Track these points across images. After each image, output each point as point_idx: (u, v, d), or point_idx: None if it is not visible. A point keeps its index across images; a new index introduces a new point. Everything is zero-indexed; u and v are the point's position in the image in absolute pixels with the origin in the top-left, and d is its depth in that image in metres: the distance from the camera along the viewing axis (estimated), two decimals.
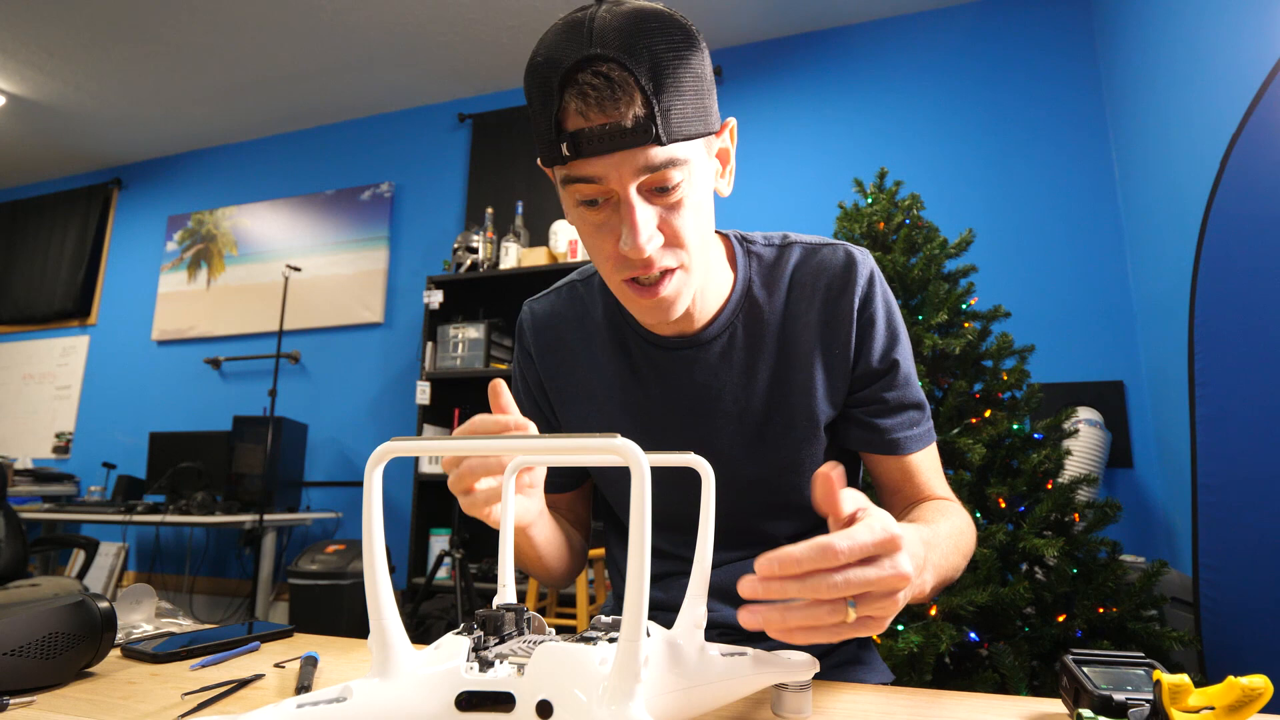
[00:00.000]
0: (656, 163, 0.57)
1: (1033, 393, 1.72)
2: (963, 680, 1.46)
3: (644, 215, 0.59)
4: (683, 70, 0.57)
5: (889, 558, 0.44)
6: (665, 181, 0.59)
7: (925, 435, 0.75)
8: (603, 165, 0.57)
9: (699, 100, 0.59)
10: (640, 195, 0.59)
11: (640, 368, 0.76)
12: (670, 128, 0.56)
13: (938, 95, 3.00)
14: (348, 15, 3.18)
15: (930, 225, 1.93)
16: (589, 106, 0.55)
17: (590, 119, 0.56)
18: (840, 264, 0.73)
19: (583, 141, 0.56)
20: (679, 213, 0.61)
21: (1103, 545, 1.55)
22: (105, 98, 3.83)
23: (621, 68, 0.55)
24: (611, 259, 0.63)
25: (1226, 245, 1.46)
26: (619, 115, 0.55)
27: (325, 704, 0.35)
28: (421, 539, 3.13)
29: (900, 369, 0.74)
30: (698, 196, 0.62)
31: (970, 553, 0.68)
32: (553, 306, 0.83)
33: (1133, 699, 0.46)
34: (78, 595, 0.60)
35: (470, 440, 0.39)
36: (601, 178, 0.58)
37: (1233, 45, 1.80)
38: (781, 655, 0.49)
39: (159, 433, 3.60)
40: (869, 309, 0.73)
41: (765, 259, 0.76)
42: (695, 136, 0.59)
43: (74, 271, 4.44)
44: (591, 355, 0.79)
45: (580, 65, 0.55)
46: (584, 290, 0.81)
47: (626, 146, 0.56)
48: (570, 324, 0.80)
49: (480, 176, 3.69)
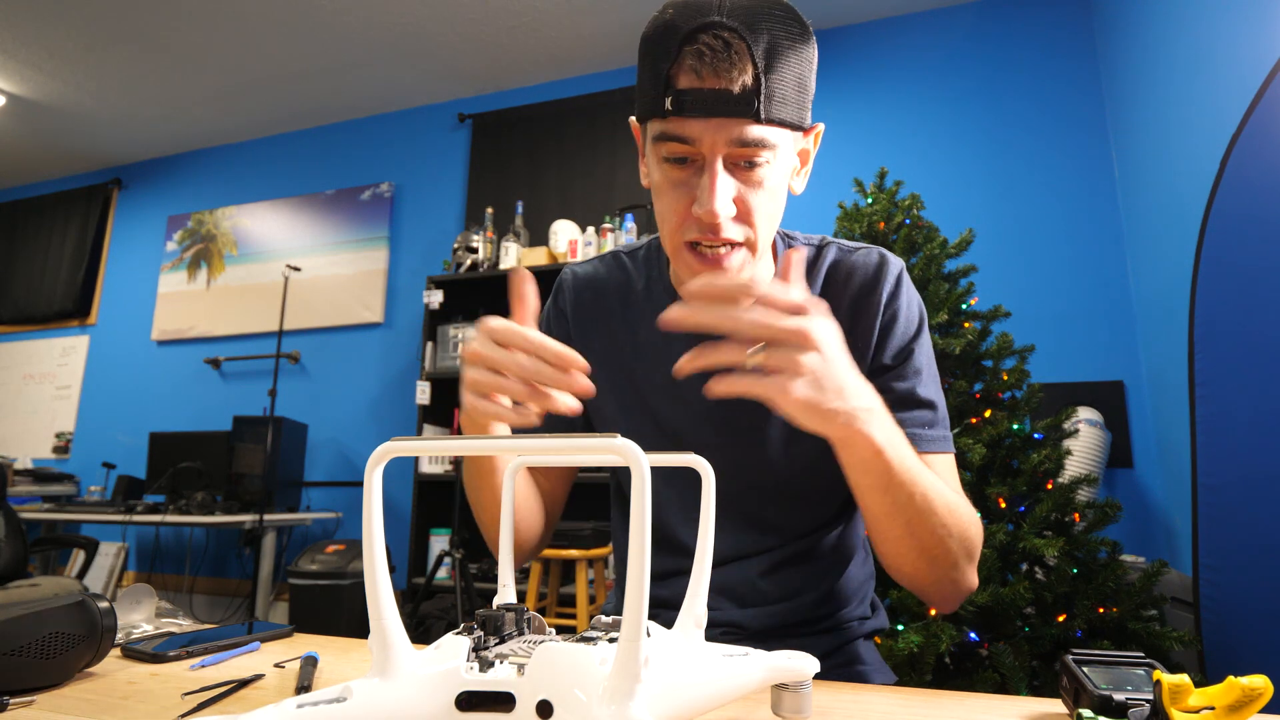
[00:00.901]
0: (750, 138, 0.59)
1: (1033, 393, 1.72)
2: (963, 680, 1.46)
3: (724, 182, 0.61)
4: (794, 59, 0.60)
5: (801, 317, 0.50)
6: (753, 157, 0.61)
7: (939, 440, 0.72)
8: (700, 127, 0.59)
9: (800, 93, 0.61)
10: (726, 164, 0.61)
11: (676, 340, 0.76)
12: (771, 108, 0.59)
13: (938, 95, 3.00)
14: (348, 15, 3.18)
15: (930, 225, 1.93)
16: (703, 66, 0.58)
17: (702, 79, 0.58)
18: (873, 265, 0.75)
19: (688, 101, 0.58)
20: (757, 192, 0.63)
21: (1103, 545, 1.55)
22: (105, 98, 3.83)
23: (741, 39, 0.57)
24: (680, 217, 0.64)
25: (1226, 245, 1.45)
26: (729, 81, 0.57)
27: (325, 704, 0.35)
28: (421, 539, 3.13)
29: (913, 361, 0.73)
30: (776, 183, 0.64)
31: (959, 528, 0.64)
32: (595, 271, 0.84)
33: (1133, 699, 0.46)
34: (78, 595, 0.60)
35: (470, 440, 0.39)
36: (696, 139, 0.60)
37: (1233, 45, 1.80)
38: (782, 655, 0.49)
39: (159, 433, 3.60)
40: (894, 304, 0.74)
41: (804, 254, 0.78)
42: (790, 125, 0.61)
43: (74, 271, 4.44)
44: (628, 323, 0.80)
45: (705, 27, 0.57)
46: (628, 260, 0.83)
47: (728, 114, 0.58)
48: (611, 289, 0.82)
49: (480, 176, 3.69)
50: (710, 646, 0.49)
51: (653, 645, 0.41)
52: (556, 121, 3.60)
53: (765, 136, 0.60)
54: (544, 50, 3.44)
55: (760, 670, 0.47)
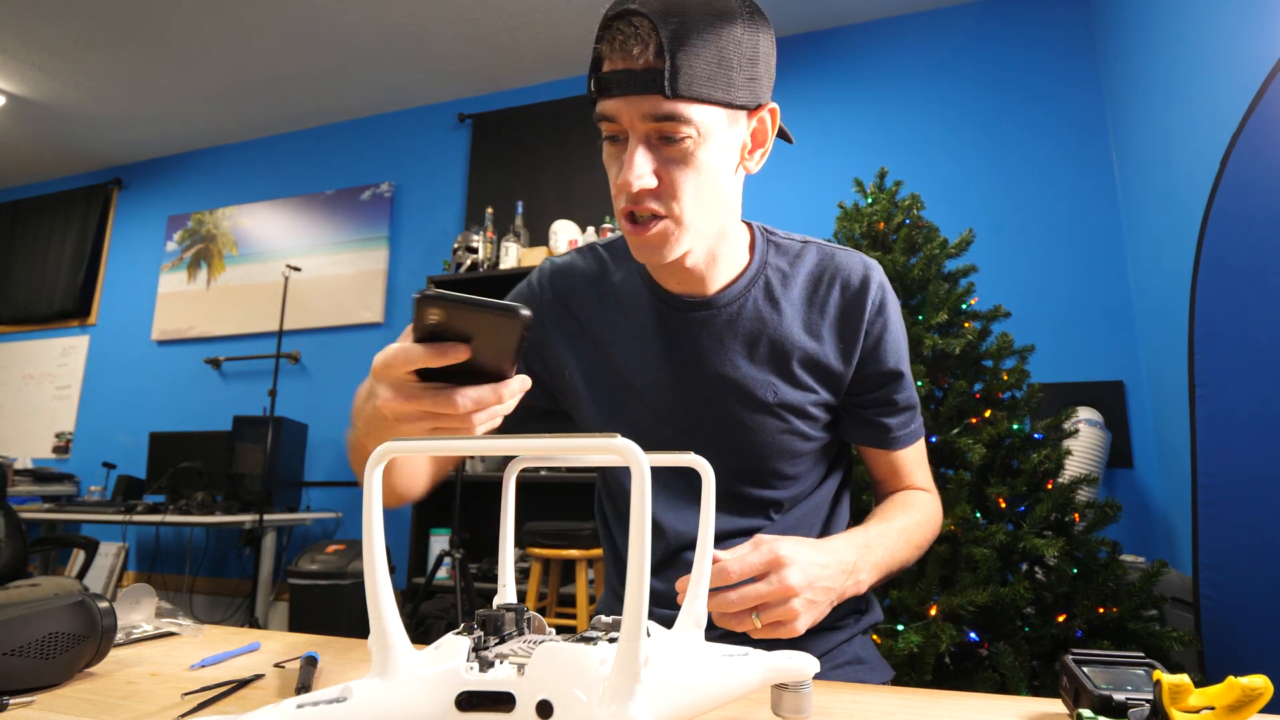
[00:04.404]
0: (661, 112, 0.62)
1: (1033, 393, 1.72)
2: (963, 680, 1.46)
3: (641, 155, 0.64)
4: (711, 36, 0.62)
5: (775, 574, 0.57)
6: (670, 133, 0.63)
7: (917, 431, 0.83)
8: (616, 105, 0.63)
9: (724, 70, 0.63)
10: (646, 139, 0.64)
11: (648, 326, 0.79)
12: (678, 84, 0.61)
13: (938, 95, 3.00)
14: (348, 15, 3.18)
15: (930, 225, 1.93)
16: (613, 51, 0.62)
17: (614, 62, 0.62)
18: (858, 270, 0.78)
19: (605, 82, 0.63)
20: (681, 168, 0.65)
21: (1103, 545, 1.55)
22: (105, 98, 3.83)
23: (648, 21, 0.60)
24: (616, 188, 0.68)
25: (1226, 245, 1.45)
26: (632, 61, 0.61)
27: (325, 704, 0.35)
28: (421, 539, 3.13)
29: (907, 373, 0.81)
30: (708, 160, 0.66)
31: (927, 543, 0.78)
32: (572, 261, 0.87)
33: (1133, 699, 0.46)
34: (78, 595, 0.60)
35: (470, 440, 0.39)
36: (615, 116, 0.64)
37: (1233, 45, 1.80)
38: (782, 655, 0.49)
39: (159, 433, 3.60)
40: (883, 316, 0.78)
41: (785, 249, 0.80)
42: (709, 101, 0.63)
43: (74, 271, 4.43)
44: (604, 309, 0.83)
45: (620, 15, 0.61)
46: (605, 252, 0.86)
47: (634, 92, 0.62)
48: (588, 278, 0.85)
49: (480, 176, 3.69)
50: (710, 646, 0.49)
51: (653, 645, 0.41)
52: (556, 121, 3.60)
53: (678, 110, 0.62)
54: (544, 50, 3.44)
55: (760, 670, 0.47)
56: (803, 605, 0.58)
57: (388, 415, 0.51)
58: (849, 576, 0.64)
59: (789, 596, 0.57)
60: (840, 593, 0.63)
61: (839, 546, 0.65)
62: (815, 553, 0.61)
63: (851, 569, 0.64)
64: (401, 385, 0.49)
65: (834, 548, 0.64)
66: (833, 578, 0.62)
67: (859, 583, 0.66)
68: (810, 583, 0.59)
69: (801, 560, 0.59)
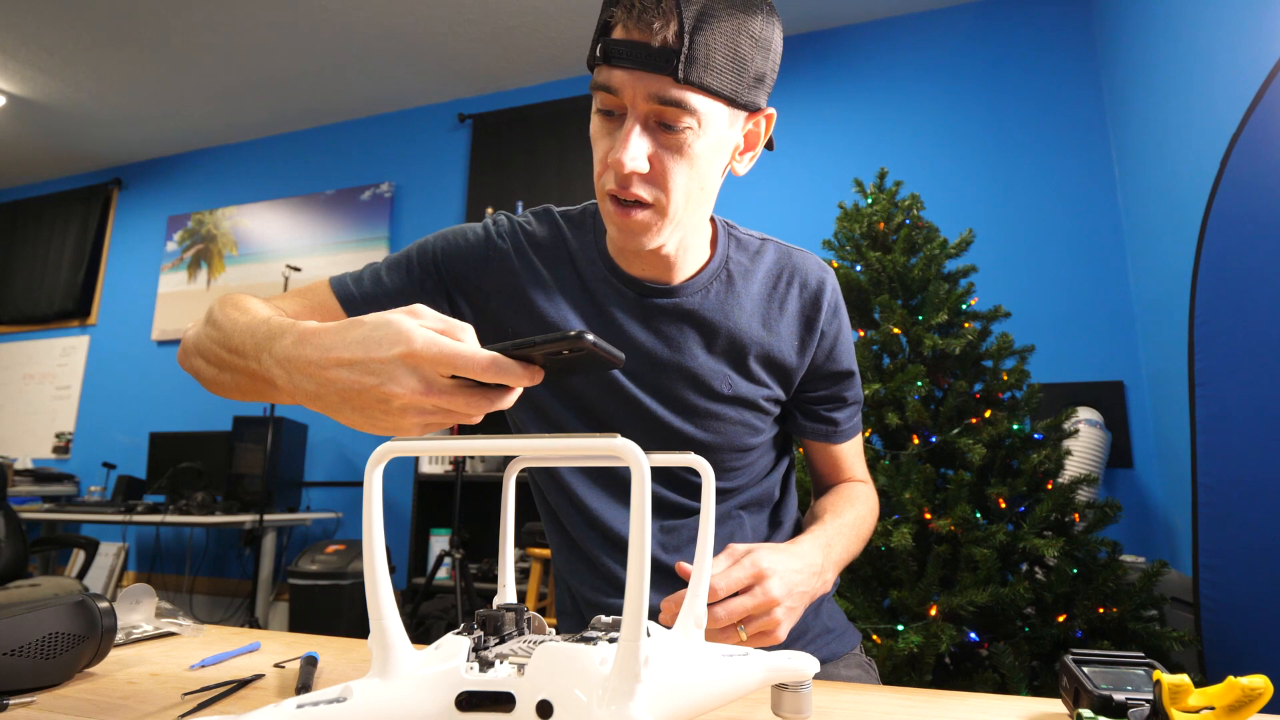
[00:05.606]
0: (668, 96, 0.59)
1: (1033, 393, 1.72)
2: (963, 680, 1.46)
3: (638, 136, 0.62)
4: (730, 28, 0.59)
5: (759, 585, 0.58)
6: (672, 120, 0.61)
7: (859, 425, 0.87)
8: (621, 78, 0.60)
9: (738, 65, 0.61)
10: (645, 121, 0.62)
11: (604, 306, 0.76)
12: (692, 70, 0.58)
13: (938, 95, 3.00)
14: (348, 15, 3.18)
15: (930, 225, 1.93)
16: (630, 18, 0.59)
17: (628, 31, 0.59)
18: (815, 271, 0.80)
19: (613, 50, 0.60)
20: (675, 158, 0.63)
21: (1103, 545, 1.55)
22: (105, 98, 3.83)
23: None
24: (602, 165, 0.65)
25: (1226, 245, 1.45)
26: (650, 35, 0.58)
27: (325, 704, 0.35)
28: (421, 539, 3.13)
29: (856, 371, 0.84)
30: (703, 155, 0.64)
31: (870, 534, 0.82)
32: (528, 220, 0.82)
33: (1133, 699, 0.46)
34: (78, 595, 0.60)
35: (470, 440, 0.39)
36: (618, 90, 0.61)
37: (1233, 45, 1.80)
38: (781, 655, 0.49)
39: (159, 433, 3.60)
40: (838, 318, 0.80)
41: (745, 245, 0.80)
42: (717, 95, 0.61)
43: (74, 271, 4.44)
44: (558, 279, 0.78)
45: None
46: (562, 220, 0.81)
47: (646, 68, 0.59)
48: (540, 242, 0.80)
49: (480, 176, 3.69)
50: (710, 646, 0.49)
51: (653, 645, 0.41)
52: (556, 121, 3.60)
53: (685, 98, 0.59)
54: (544, 50, 3.44)
55: (760, 670, 0.47)
56: (784, 614, 0.59)
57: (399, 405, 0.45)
58: (818, 578, 0.66)
59: (772, 607, 0.58)
60: (813, 595, 0.65)
61: (807, 550, 0.66)
62: (790, 559, 0.63)
63: (820, 570, 0.66)
64: (436, 381, 0.46)
65: (803, 551, 0.66)
66: (806, 581, 0.63)
67: (825, 582, 0.68)
68: (790, 590, 0.60)
69: (780, 569, 0.60)
